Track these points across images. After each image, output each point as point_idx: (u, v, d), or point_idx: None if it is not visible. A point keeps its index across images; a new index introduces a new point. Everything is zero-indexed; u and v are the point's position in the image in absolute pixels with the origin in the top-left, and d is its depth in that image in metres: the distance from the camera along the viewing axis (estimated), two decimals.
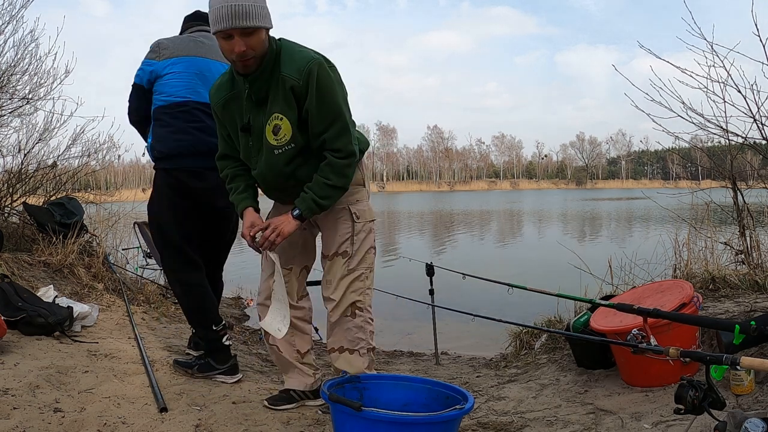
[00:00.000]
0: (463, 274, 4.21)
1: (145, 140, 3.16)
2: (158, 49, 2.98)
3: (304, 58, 2.17)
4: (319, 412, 2.54)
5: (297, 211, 2.27)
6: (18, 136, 6.18)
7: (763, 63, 3.85)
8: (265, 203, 2.56)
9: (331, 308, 2.43)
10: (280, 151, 2.26)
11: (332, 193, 2.28)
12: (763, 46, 3.89)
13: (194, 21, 3.19)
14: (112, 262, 5.72)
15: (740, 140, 4.25)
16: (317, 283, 4.74)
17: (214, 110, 2.42)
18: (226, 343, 3.01)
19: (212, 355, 2.99)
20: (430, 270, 4.39)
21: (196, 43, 3.04)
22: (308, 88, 2.15)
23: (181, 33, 3.18)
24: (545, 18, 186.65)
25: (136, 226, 6.89)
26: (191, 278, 3.01)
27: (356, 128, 2.41)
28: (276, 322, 2.36)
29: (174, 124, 2.94)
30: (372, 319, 2.49)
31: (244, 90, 2.27)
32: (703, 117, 4.22)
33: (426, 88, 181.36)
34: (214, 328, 2.97)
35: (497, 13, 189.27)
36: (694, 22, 4.06)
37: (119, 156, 7.47)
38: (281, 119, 2.22)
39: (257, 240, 2.33)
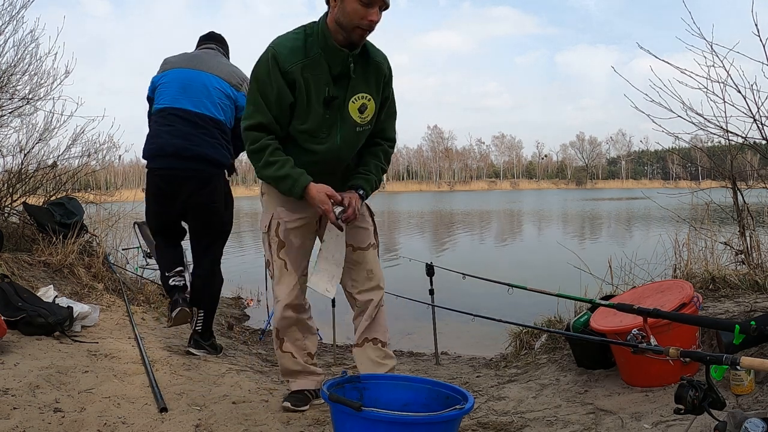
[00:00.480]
0: (463, 274, 4.21)
1: None
2: (162, 64, 3.43)
3: (382, 53, 2.38)
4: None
5: (363, 191, 2.36)
6: (18, 136, 6.19)
7: (763, 63, 3.85)
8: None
9: (378, 298, 2.55)
10: (361, 129, 2.34)
11: (381, 180, 2.46)
12: (763, 46, 3.89)
13: (204, 41, 3.62)
14: (112, 262, 5.72)
15: (740, 140, 4.25)
16: None
17: (284, 72, 2.19)
18: (172, 283, 3.48)
19: (168, 294, 3.61)
20: (430, 270, 4.39)
21: (191, 57, 3.39)
22: (391, 80, 2.39)
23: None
24: (546, 18, 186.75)
25: (136, 226, 6.89)
26: (160, 245, 3.60)
27: None
28: (324, 282, 2.36)
29: (153, 128, 3.31)
30: None
31: (330, 62, 2.22)
32: (703, 117, 4.22)
33: (426, 88, 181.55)
34: (166, 274, 3.51)
35: (498, 13, 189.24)
36: (694, 23, 4.05)
37: (119, 156, 7.47)
38: (369, 100, 2.31)
39: (338, 215, 2.26)
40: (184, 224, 3.59)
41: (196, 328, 3.53)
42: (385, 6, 2.16)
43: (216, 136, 3.27)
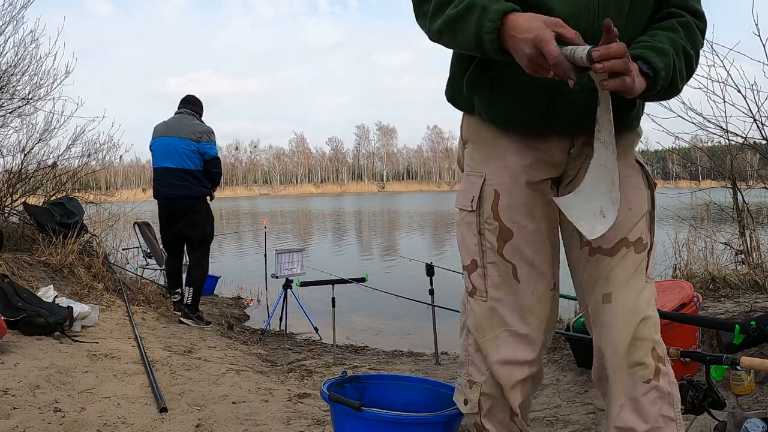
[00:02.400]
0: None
1: None
2: (153, 132, 5.04)
3: None
4: None
5: (650, 68, 1.14)
6: (18, 136, 6.20)
7: (763, 63, 3.85)
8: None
9: (615, 352, 1.27)
10: None
11: (686, 76, 1.23)
12: (764, 46, 3.89)
13: (181, 105, 5.12)
14: (112, 262, 5.72)
15: (740, 140, 4.25)
16: (320, 282, 4.79)
17: None
18: (174, 299, 5.16)
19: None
20: (430, 270, 4.39)
21: (166, 126, 4.96)
22: None
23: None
24: None
25: (136, 226, 6.90)
26: (168, 263, 5.34)
27: None
28: (594, 214, 1.22)
29: (154, 179, 5.04)
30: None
31: None
32: (703, 117, 4.23)
33: (427, 89, 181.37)
34: (170, 293, 5.26)
35: None
36: None
37: (119, 156, 7.48)
38: None
39: (577, 56, 1.03)
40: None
41: (186, 301, 4.90)
42: None
43: (189, 180, 4.87)
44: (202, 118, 5.14)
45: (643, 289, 1.29)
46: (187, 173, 4.86)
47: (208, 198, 5.04)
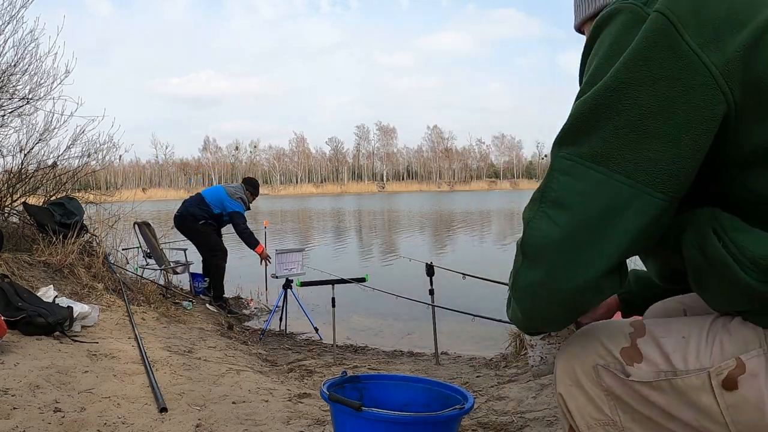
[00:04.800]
0: (463, 274, 4.22)
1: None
2: None
3: None
4: None
5: None
6: (18, 136, 6.20)
7: None
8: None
9: None
10: None
11: None
12: None
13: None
14: (112, 262, 5.72)
15: None
16: (320, 282, 4.79)
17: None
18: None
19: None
20: (430, 270, 4.39)
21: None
22: None
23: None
24: (549, 19, 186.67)
25: (136, 226, 6.90)
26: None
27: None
28: None
29: None
30: None
31: None
32: None
33: (428, 89, 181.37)
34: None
35: (502, 14, 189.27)
36: None
37: (119, 156, 7.49)
38: None
39: None
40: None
41: (209, 293, 6.28)
42: None
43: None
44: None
45: None
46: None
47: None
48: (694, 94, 0.77)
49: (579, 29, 1.21)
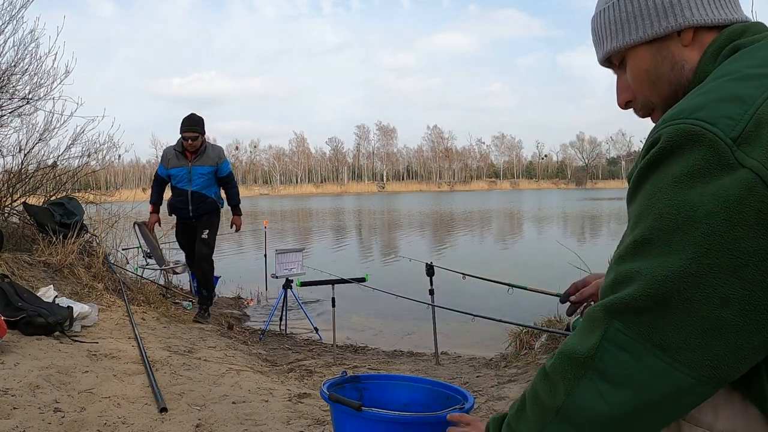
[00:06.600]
0: (463, 274, 4.21)
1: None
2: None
3: None
4: None
5: None
6: (18, 136, 6.21)
7: None
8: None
9: None
10: None
11: None
12: None
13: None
14: (112, 262, 5.72)
15: None
16: (320, 282, 4.78)
17: None
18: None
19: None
20: (430, 270, 4.39)
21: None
22: None
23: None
24: (551, 20, 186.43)
25: (136, 226, 6.89)
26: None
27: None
28: None
29: None
30: None
31: None
32: None
33: (429, 89, 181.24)
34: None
35: (504, 15, 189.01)
36: None
37: (119, 156, 7.50)
38: None
39: None
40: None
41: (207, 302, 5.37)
42: None
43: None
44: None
45: None
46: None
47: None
48: None
49: (606, 62, 1.01)
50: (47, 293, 3.87)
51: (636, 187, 0.76)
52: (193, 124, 5.02)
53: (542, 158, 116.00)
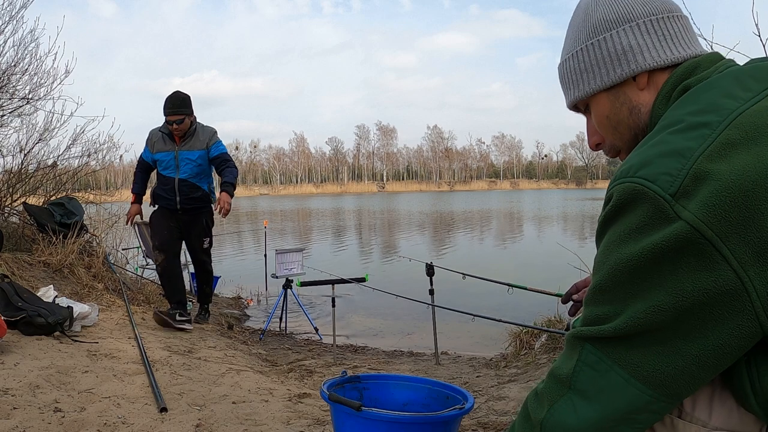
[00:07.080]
0: (463, 274, 4.22)
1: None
2: None
3: None
4: None
5: None
6: (18, 136, 6.21)
7: None
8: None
9: None
10: None
11: None
12: (764, 46, 3.89)
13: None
14: (112, 262, 5.72)
15: None
16: (320, 282, 4.79)
17: None
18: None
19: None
20: (430, 270, 4.39)
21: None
22: None
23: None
24: (551, 20, 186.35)
25: (136, 226, 6.89)
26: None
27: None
28: None
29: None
30: None
31: None
32: None
33: (429, 89, 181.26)
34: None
35: (505, 15, 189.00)
36: (694, 23, 4.05)
37: (119, 156, 7.51)
38: None
39: None
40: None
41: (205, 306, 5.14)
42: None
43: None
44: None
45: None
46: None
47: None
48: (729, 322, 0.74)
49: (573, 107, 1.07)
50: (47, 293, 3.87)
51: (597, 239, 0.87)
52: (177, 105, 4.36)
53: (542, 158, 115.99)
